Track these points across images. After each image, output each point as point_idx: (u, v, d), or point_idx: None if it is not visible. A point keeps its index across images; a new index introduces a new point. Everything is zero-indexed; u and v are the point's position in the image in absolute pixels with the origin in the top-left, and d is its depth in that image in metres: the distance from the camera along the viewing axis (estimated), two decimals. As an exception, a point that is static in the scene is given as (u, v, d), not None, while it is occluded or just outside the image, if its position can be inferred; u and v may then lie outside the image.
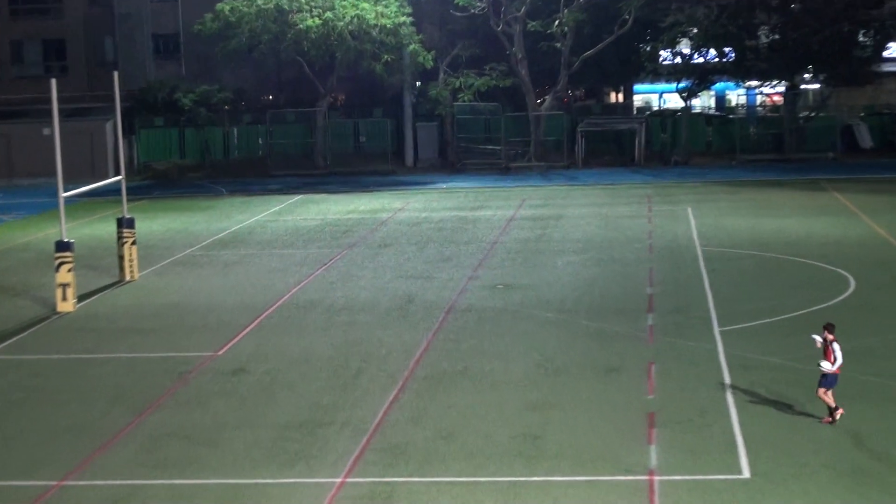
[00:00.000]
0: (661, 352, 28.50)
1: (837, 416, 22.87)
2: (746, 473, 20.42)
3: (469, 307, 34.25)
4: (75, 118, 75.21)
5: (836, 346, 22.88)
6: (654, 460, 21.18)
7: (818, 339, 23.15)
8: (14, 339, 32.56)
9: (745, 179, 64.60)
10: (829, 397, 22.85)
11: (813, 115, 76.51)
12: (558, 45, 73.91)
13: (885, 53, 76.35)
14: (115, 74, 42.25)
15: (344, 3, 69.52)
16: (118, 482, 21.03)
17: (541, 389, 25.77)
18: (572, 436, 22.61)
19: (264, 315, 34.20)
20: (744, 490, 19.72)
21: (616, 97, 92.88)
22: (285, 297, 36.51)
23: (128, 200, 42.99)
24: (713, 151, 77.24)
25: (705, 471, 20.59)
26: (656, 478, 20.34)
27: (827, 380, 22.86)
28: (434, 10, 76.27)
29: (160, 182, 73.82)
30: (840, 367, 22.87)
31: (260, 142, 79.56)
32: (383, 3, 70.73)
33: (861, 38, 73.13)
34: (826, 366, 22.77)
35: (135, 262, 40.21)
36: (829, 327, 23.18)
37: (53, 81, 36.20)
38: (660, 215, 51.43)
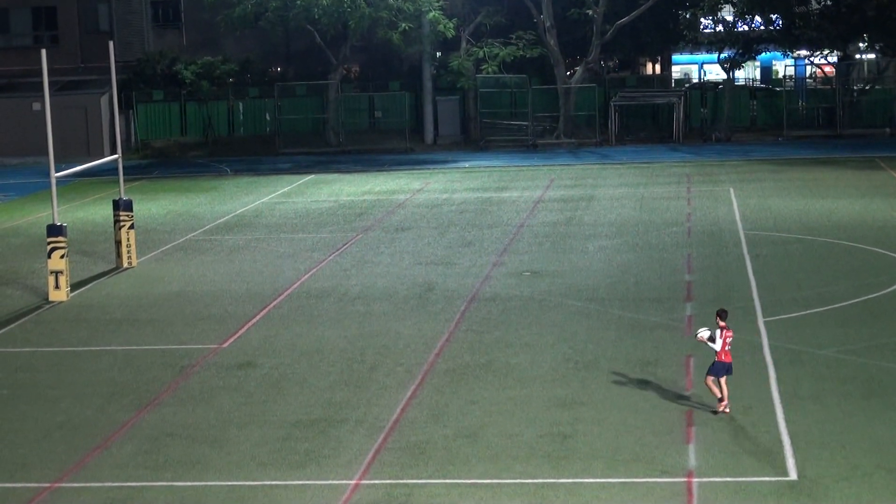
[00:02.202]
0: (700, 344, 28.31)
1: (720, 409, 23.34)
2: (793, 475, 20.44)
3: (493, 296, 34.31)
4: (67, 92, 75.37)
5: (717, 332, 23.38)
6: (692, 461, 21.21)
7: (703, 332, 23.60)
8: (2, 330, 32.72)
9: (793, 157, 64.45)
10: (715, 387, 23.31)
11: (868, 87, 76.31)
12: (590, 12, 73.83)
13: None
14: (111, 44, 42.37)
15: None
16: (115, 484, 21.14)
17: (570, 385, 25.82)
18: (604, 435, 22.66)
19: (272, 304, 34.32)
20: (790, 493, 19.73)
21: (653, 68, 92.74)
22: (295, 286, 36.63)
23: (125, 181, 43.17)
24: (758, 127, 77.11)
25: (748, 472, 20.61)
26: (695, 480, 20.37)
27: (714, 367, 23.35)
28: (455, -26, 76.32)
29: (160, 161, 74.03)
30: (726, 356, 23.28)
31: (267, 117, 79.63)
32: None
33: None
34: (704, 333, 23.43)
35: (132, 248, 40.35)
36: (720, 314, 23.75)
37: (44, 52, 36.33)
38: (699, 196, 51.39)
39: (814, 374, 25.97)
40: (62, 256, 35.57)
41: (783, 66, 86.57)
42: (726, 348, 23.43)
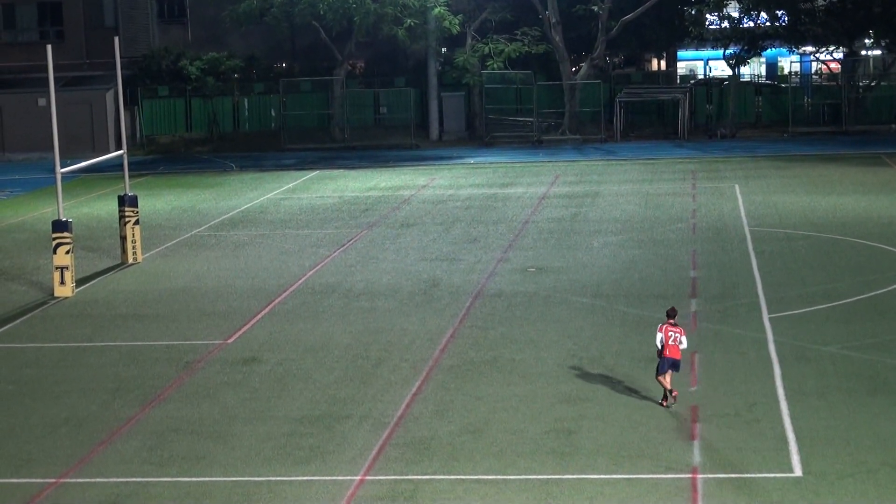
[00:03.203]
0: (705, 340, 28.49)
1: (665, 403, 23.72)
2: (798, 472, 20.43)
3: (498, 292, 34.31)
4: (73, 88, 75.42)
5: (662, 326, 23.74)
6: (697, 457, 21.20)
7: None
8: (8, 326, 32.75)
9: (798, 154, 64.41)
10: (665, 382, 23.63)
11: (873, 83, 76.19)
12: (595, 7, 73.79)
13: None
14: (116, 40, 42.36)
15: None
16: (120, 480, 21.15)
17: (575, 381, 25.81)
18: (609, 431, 22.66)
19: (277, 300, 34.33)
20: (795, 489, 19.72)
21: (658, 65, 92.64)
22: (300, 281, 36.64)
23: (130, 176, 43.15)
24: (763, 124, 77.02)
25: (753, 469, 20.60)
26: (699, 476, 20.36)
27: (659, 363, 23.72)
28: (461, -31, 76.25)
29: (165, 157, 74.04)
30: (671, 352, 23.51)
31: (272, 113, 79.67)
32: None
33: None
34: (684, 342, 23.77)
35: (138, 244, 40.37)
36: (668, 312, 24.12)
37: (49, 48, 36.31)
38: (704, 193, 51.36)
39: (819, 370, 25.95)
40: (67, 252, 35.59)
41: (788, 63, 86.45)
42: (670, 343, 23.59)
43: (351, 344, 29.35)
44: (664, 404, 23.68)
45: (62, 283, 35.64)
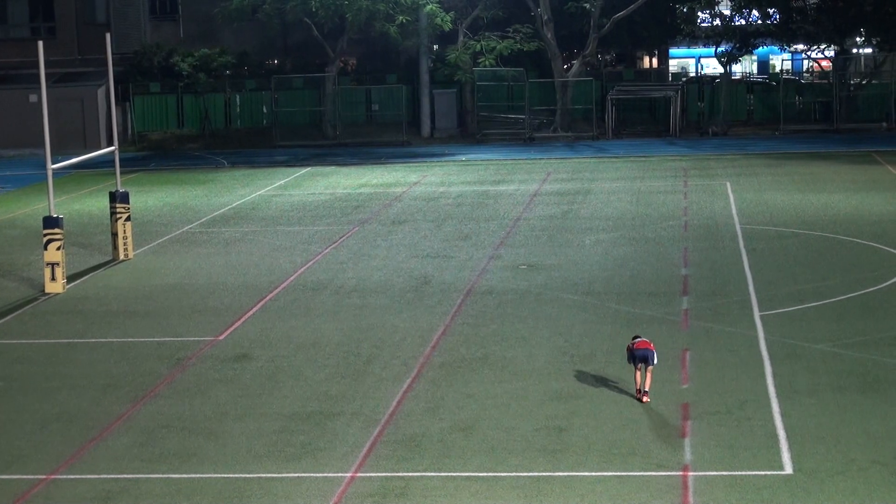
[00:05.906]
0: (696, 338, 28.52)
1: (640, 396, 24.18)
2: (789, 469, 20.45)
3: (490, 289, 34.30)
4: (64, 84, 75.33)
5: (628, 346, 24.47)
6: (688, 455, 21.21)
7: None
8: (-1, 322, 32.76)
9: (790, 152, 64.44)
10: (637, 376, 24.22)
11: (864, 82, 76.26)
12: (587, 5, 73.78)
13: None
14: (108, 36, 42.31)
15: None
16: (111, 476, 21.13)
17: (566, 378, 25.82)
18: (600, 428, 22.66)
19: (269, 297, 34.30)
20: (786, 487, 19.74)
21: (650, 62, 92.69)
22: (291, 278, 36.61)
23: (121, 173, 43.12)
24: (755, 121, 77.12)
25: (744, 466, 20.61)
26: (691, 474, 20.37)
27: (633, 357, 24.35)
28: (453, -33, 76.25)
29: (156, 153, 73.95)
30: (642, 346, 24.14)
31: (264, 110, 79.60)
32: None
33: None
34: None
35: (129, 240, 40.33)
36: (635, 339, 24.61)
37: (41, 44, 36.30)
38: (696, 190, 51.38)
39: (809, 368, 25.97)
40: (58, 248, 35.54)
41: (780, 61, 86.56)
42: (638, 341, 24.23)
43: (342, 341, 29.34)
44: (642, 400, 23.89)
45: (53, 279, 35.59)
